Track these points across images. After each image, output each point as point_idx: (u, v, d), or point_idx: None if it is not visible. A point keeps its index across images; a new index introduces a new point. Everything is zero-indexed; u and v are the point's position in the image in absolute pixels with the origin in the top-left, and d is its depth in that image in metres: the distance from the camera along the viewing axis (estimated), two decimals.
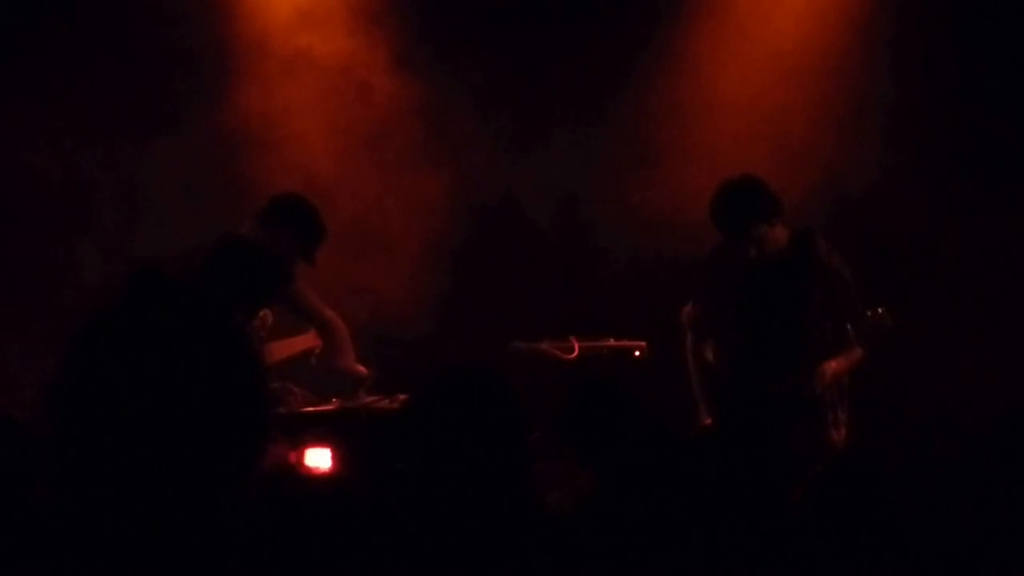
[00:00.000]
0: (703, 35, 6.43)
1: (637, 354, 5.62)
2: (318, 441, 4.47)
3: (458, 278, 6.42)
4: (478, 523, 2.38)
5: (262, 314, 4.72)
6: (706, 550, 2.98)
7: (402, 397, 4.61)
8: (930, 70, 6.14)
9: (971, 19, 6.10)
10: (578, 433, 3.52)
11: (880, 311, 4.70)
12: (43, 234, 6.11)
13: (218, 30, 6.25)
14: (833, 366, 4.69)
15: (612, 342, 5.70)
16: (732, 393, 4.77)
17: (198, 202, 5.94)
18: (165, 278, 1.55)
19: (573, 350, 5.61)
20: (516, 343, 5.67)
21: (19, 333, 5.76)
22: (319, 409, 4.83)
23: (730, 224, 4.66)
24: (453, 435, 2.47)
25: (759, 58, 6.36)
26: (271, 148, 6.25)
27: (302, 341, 5.10)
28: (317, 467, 4.44)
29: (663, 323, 5.34)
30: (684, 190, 5.84)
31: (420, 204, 6.35)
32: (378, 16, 6.38)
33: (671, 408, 5.11)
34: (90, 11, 6.19)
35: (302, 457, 4.47)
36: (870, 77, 6.21)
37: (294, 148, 6.29)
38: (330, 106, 6.39)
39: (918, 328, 5.39)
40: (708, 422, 4.84)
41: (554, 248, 6.67)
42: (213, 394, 1.50)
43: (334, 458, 4.47)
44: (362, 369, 4.90)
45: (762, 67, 6.35)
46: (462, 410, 2.49)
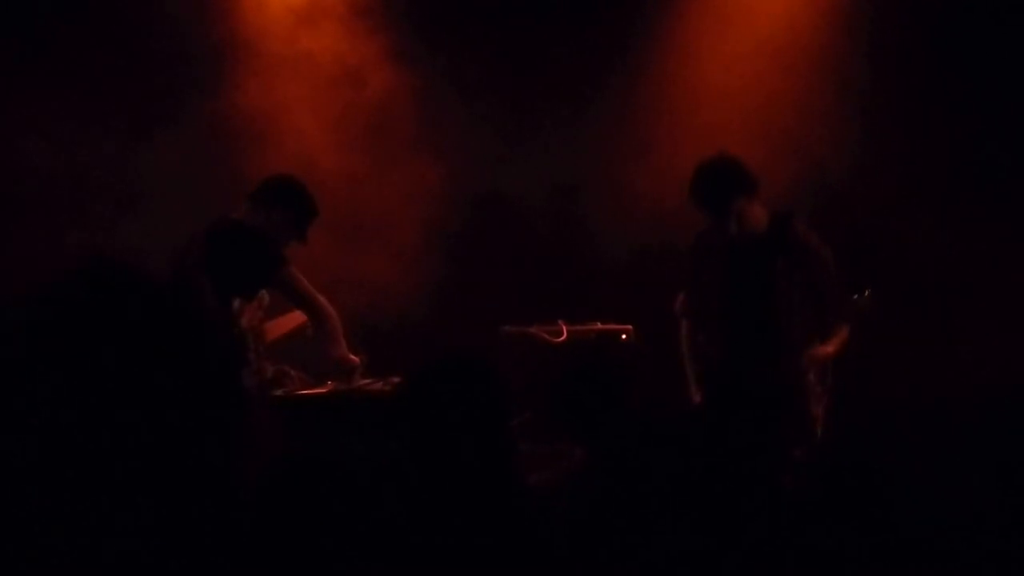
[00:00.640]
0: (693, 25, 6.47)
1: (624, 337, 5.69)
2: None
3: (451, 264, 6.46)
4: (466, 501, 2.46)
5: (259, 294, 4.73)
6: (692, 530, 2.98)
7: (395, 380, 4.68)
8: (907, 61, 6.18)
9: (949, 9, 6.16)
10: (572, 411, 3.53)
11: (865, 293, 4.72)
12: (41, 226, 6.05)
13: (215, 25, 6.25)
14: (827, 350, 4.69)
15: (599, 326, 5.76)
16: (718, 373, 4.77)
17: (196, 194, 5.88)
18: (111, 266, 1.49)
19: (561, 334, 5.68)
20: (506, 327, 5.73)
21: None
22: (314, 391, 4.86)
23: (709, 199, 4.66)
24: (443, 417, 2.54)
25: (749, 48, 6.39)
26: (267, 141, 6.25)
27: (296, 317, 5.10)
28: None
29: (649, 308, 5.40)
30: (672, 178, 5.86)
31: (414, 193, 6.40)
32: (373, 9, 6.41)
33: (656, 390, 5.20)
34: (90, 6, 6.19)
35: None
36: (851, 66, 6.25)
37: (290, 140, 6.30)
38: (326, 99, 6.42)
39: (896, 315, 5.46)
40: (697, 399, 4.87)
41: (544, 235, 6.71)
42: (157, 372, 1.47)
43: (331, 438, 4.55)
44: (353, 358, 4.90)
45: (752, 56, 6.38)
46: (452, 393, 2.57)
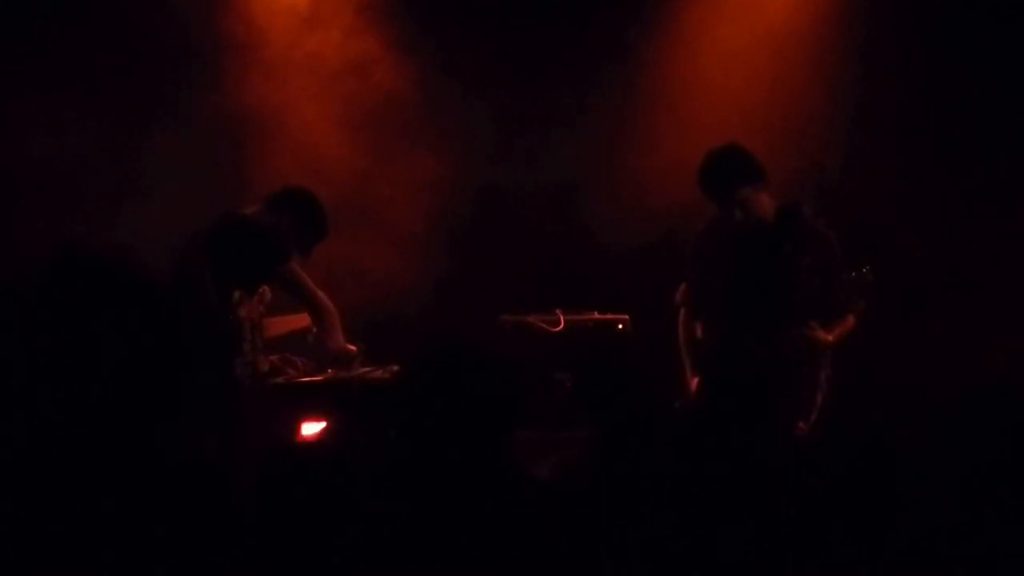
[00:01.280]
0: (693, 18, 6.52)
1: (620, 327, 5.72)
2: (314, 415, 4.57)
3: (452, 255, 6.49)
4: (466, 488, 2.50)
5: (260, 290, 4.74)
6: (694, 518, 3.00)
7: (394, 368, 4.72)
8: (906, 53, 6.21)
9: (946, 4, 6.20)
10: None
11: (864, 270, 4.68)
12: (41, 218, 6.01)
13: (219, 18, 6.26)
14: (829, 338, 4.69)
15: (596, 315, 5.78)
16: (720, 357, 4.78)
17: (198, 188, 5.92)
18: (82, 255, 1.49)
19: (559, 323, 5.70)
20: (505, 316, 5.75)
21: None
22: (314, 379, 4.89)
23: (716, 186, 4.67)
24: (443, 406, 2.57)
25: (748, 42, 6.43)
26: (270, 134, 6.27)
27: (298, 320, 5.10)
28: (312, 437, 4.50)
29: (646, 299, 5.44)
30: (671, 171, 5.90)
31: (416, 185, 6.42)
32: (376, 3, 6.43)
33: (652, 378, 5.25)
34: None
35: (298, 430, 4.55)
36: (850, 59, 6.30)
37: (293, 133, 6.32)
38: (329, 92, 6.42)
39: (895, 312, 5.52)
40: (693, 387, 4.89)
41: (543, 227, 6.72)
42: (114, 364, 1.42)
43: (329, 424, 4.54)
44: (351, 348, 4.92)
45: (752, 50, 6.43)
46: (452, 382, 2.59)
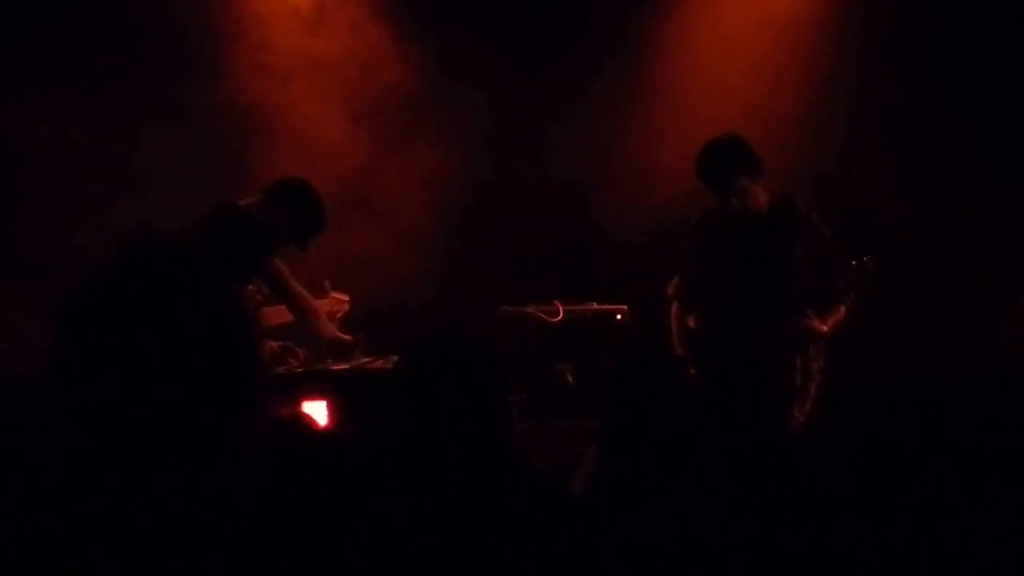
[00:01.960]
0: (695, 12, 6.57)
1: (619, 318, 5.75)
2: (314, 395, 4.60)
3: (452, 247, 6.54)
4: (465, 477, 2.51)
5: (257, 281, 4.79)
6: (690, 505, 3.08)
7: (394, 358, 4.73)
8: (907, 45, 6.26)
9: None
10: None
11: (865, 259, 4.71)
12: (41, 211, 6.08)
13: (219, 12, 6.28)
14: (822, 328, 4.70)
15: (595, 306, 5.81)
16: (713, 347, 4.79)
17: (201, 182, 5.89)
18: (155, 245, 1.51)
19: (558, 313, 5.74)
20: (504, 307, 5.79)
21: (17, 309, 5.72)
22: (314, 368, 4.92)
23: (715, 175, 4.70)
24: (442, 395, 2.58)
25: (750, 30, 6.47)
26: (271, 128, 6.30)
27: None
28: (313, 420, 4.51)
29: (645, 290, 5.44)
30: (670, 163, 5.95)
31: (418, 178, 6.45)
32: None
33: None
34: None
35: (298, 410, 4.53)
36: (849, 52, 6.36)
37: (296, 126, 6.34)
38: (331, 86, 6.44)
39: (894, 309, 5.56)
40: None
41: (544, 220, 6.75)
42: (204, 356, 1.46)
43: (330, 412, 4.59)
44: (346, 337, 4.93)
45: (754, 42, 6.46)
46: (450, 372, 2.61)
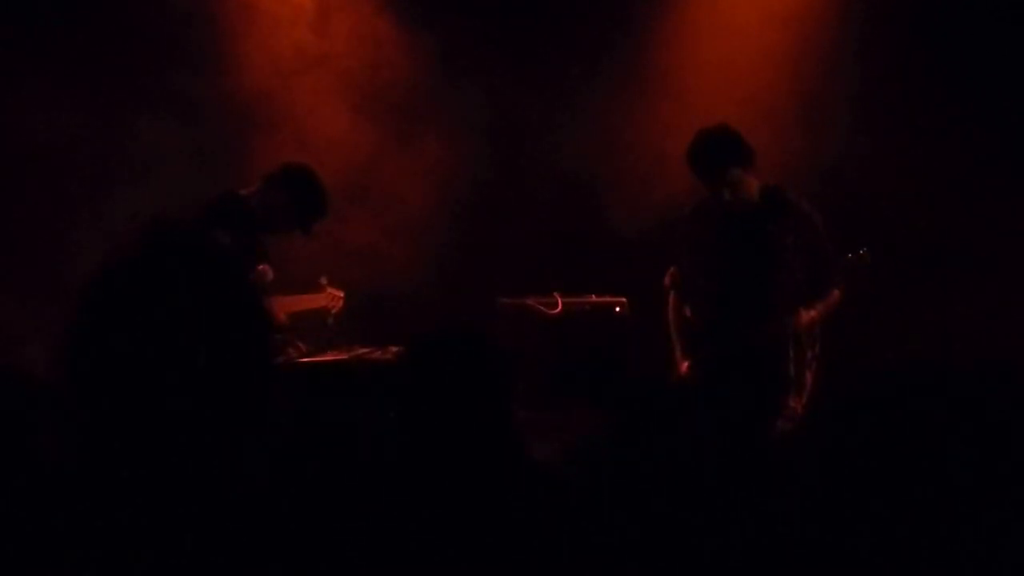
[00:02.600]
0: (698, 9, 6.60)
1: (618, 310, 5.77)
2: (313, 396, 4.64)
3: (452, 239, 6.55)
4: (466, 467, 2.52)
5: (261, 269, 4.70)
6: (686, 496, 3.11)
7: (394, 349, 4.76)
8: (904, 41, 6.27)
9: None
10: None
11: (861, 252, 4.73)
12: (42, 203, 6.06)
13: (223, 4, 6.29)
14: (812, 314, 4.74)
15: (594, 298, 5.83)
16: (709, 338, 4.82)
17: (200, 173, 5.92)
18: (176, 229, 1.55)
19: (557, 305, 5.76)
20: (503, 298, 5.81)
21: (18, 303, 5.70)
22: (314, 359, 4.91)
23: (706, 166, 4.73)
24: (443, 386, 2.59)
25: (757, 19, 6.48)
26: (274, 119, 6.31)
27: (308, 300, 5.05)
28: None
29: (644, 282, 5.45)
30: (671, 155, 5.93)
31: (419, 170, 6.47)
32: None
33: (648, 360, 5.31)
34: None
35: None
36: (850, 43, 6.37)
37: (301, 118, 6.35)
38: (333, 77, 6.45)
39: (892, 303, 5.57)
40: (685, 366, 4.91)
41: (544, 212, 6.75)
42: (222, 336, 1.49)
43: None
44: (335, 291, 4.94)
45: (757, 32, 6.47)
46: (452, 363, 2.62)
